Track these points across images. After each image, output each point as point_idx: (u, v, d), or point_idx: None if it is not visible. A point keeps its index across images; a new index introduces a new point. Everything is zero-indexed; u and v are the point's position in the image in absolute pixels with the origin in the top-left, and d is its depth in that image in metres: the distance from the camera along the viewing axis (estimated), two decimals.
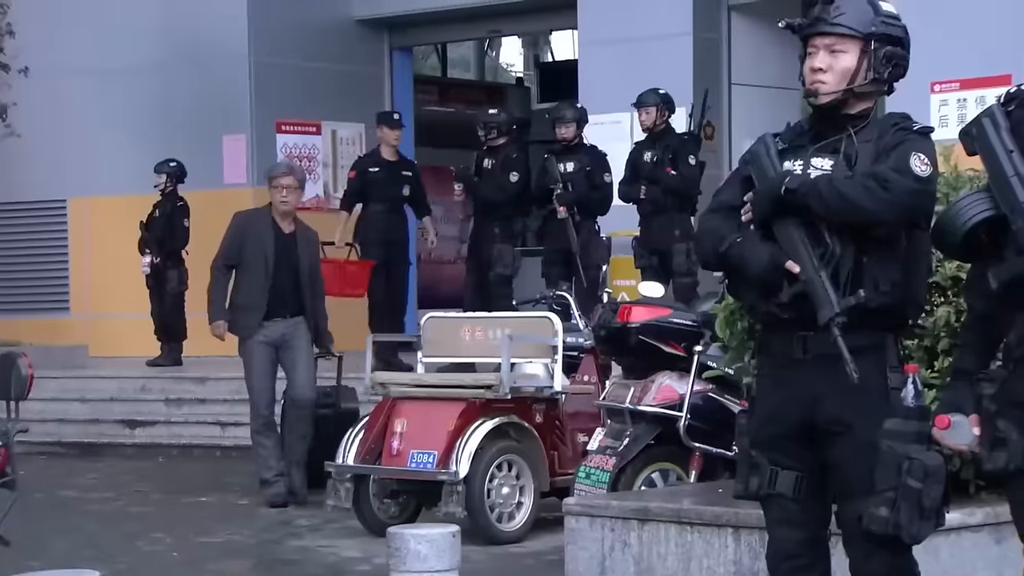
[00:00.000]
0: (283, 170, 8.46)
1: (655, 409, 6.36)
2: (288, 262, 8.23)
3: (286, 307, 8.22)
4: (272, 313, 8.18)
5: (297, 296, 8.23)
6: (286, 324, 8.22)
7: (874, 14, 3.60)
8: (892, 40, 3.61)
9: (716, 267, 3.81)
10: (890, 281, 3.53)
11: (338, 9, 13.23)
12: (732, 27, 11.59)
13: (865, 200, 3.46)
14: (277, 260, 8.20)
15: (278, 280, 8.19)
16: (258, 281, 8.16)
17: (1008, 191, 3.10)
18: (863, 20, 3.58)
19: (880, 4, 3.64)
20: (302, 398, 8.21)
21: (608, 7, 11.59)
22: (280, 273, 8.20)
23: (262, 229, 8.28)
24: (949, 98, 9.30)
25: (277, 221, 8.29)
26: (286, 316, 8.21)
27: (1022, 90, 3.21)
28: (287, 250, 8.26)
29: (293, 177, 8.32)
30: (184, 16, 12.77)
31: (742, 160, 3.77)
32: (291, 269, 8.23)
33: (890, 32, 3.61)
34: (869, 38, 3.57)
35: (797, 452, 3.62)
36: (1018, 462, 3.10)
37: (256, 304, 8.16)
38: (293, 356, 8.22)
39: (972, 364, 3.26)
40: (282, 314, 8.20)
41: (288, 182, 8.24)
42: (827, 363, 3.51)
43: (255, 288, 8.17)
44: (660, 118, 10.02)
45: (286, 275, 8.21)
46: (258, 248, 8.20)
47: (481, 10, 13.00)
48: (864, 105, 3.66)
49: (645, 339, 6.65)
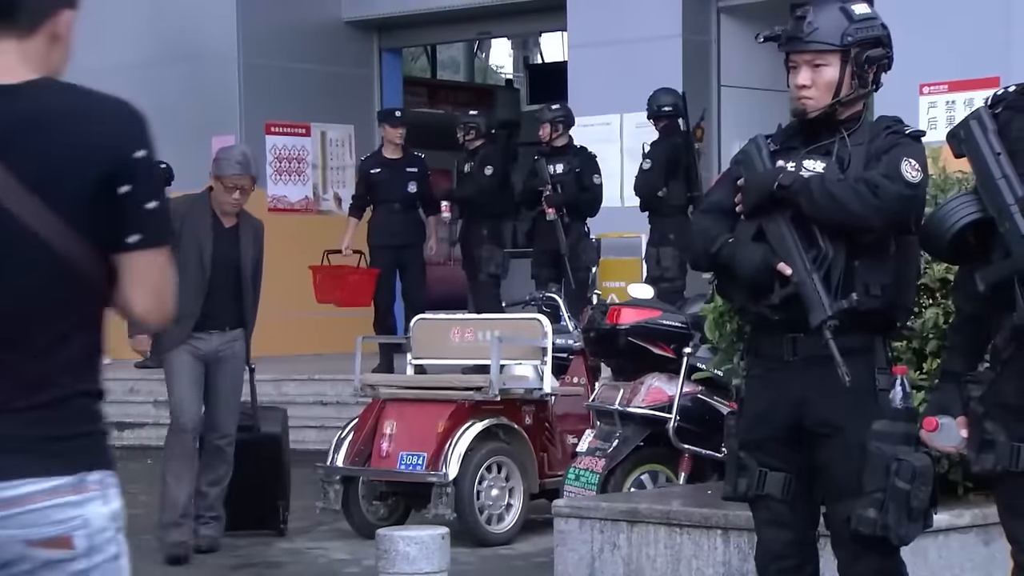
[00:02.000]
0: (237, 171, 6.73)
1: (644, 411, 6.36)
2: (228, 262, 6.76)
3: (225, 317, 6.77)
4: (206, 324, 6.71)
5: (238, 304, 6.80)
6: (223, 338, 6.78)
7: (848, 22, 3.58)
8: (871, 43, 3.60)
9: (707, 267, 3.82)
10: (880, 284, 3.54)
11: (327, 10, 13.22)
12: (722, 29, 11.60)
13: (855, 204, 3.47)
14: (215, 260, 6.72)
15: (215, 284, 6.71)
16: (191, 284, 6.50)
17: (996, 193, 3.10)
18: (838, 31, 3.57)
19: (852, 9, 3.61)
20: (224, 429, 6.79)
21: (598, 9, 11.60)
22: (218, 275, 6.71)
23: (200, 222, 6.75)
24: (937, 100, 9.31)
25: (218, 215, 6.81)
26: (224, 328, 6.77)
27: (1009, 92, 3.22)
28: (228, 248, 6.77)
29: (250, 178, 6.81)
30: (173, 17, 12.74)
31: (734, 161, 3.78)
32: (232, 270, 6.77)
33: (867, 36, 3.60)
34: (847, 48, 3.57)
35: (786, 454, 3.63)
36: (1006, 464, 3.11)
37: (187, 312, 6.45)
38: (222, 379, 6.78)
39: (960, 366, 3.27)
40: (219, 326, 6.77)
41: (245, 184, 6.76)
42: (816, 365, 3.51)
43: (187, 293, 6.20)
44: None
45: (225, 278, 6.73)
46: (193, 244, 6.66)
47: (470, 12, 13.00)
48: (854, 109, 3.66)
49: (634, 341, 6.65)
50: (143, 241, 2.22)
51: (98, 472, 2.23)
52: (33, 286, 2.19)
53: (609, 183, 10.51)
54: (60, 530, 2.19)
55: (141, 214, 2.22)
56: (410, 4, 13.02)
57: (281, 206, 12.56)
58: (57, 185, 2.18)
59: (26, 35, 2.27)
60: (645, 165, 10.06)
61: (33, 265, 2.19)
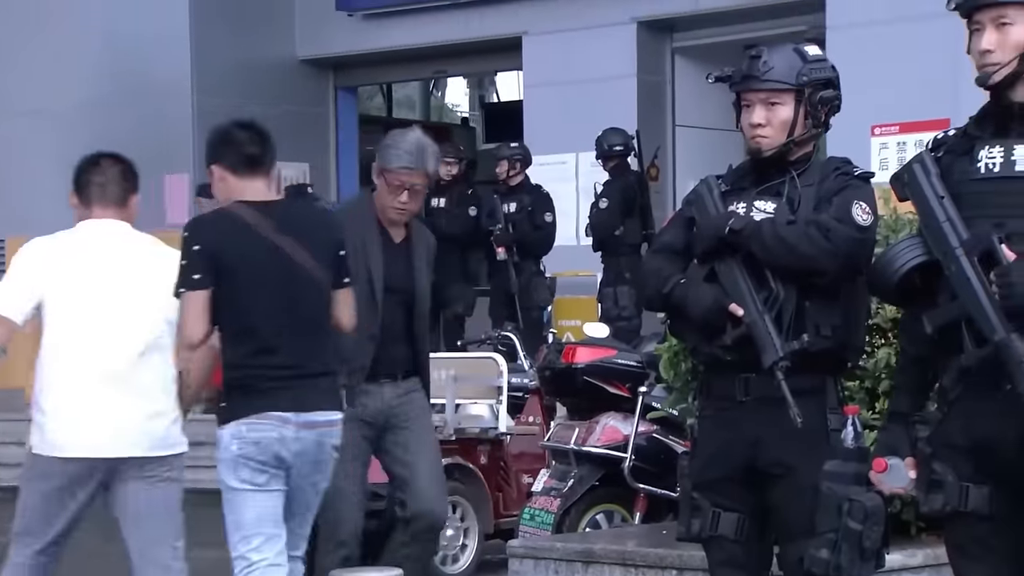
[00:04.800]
0: (406, 162, 5.07)
1: (600, 450, 6.35)
2: (401, 289, 5.14)
3: (398, 361, 5.18)
4: (377, 372, 5.12)
5: (411, 344, 5.21)
6: (395, 390, 5.16)
7: (803, 62, 3.62)
8: (823, 83, 3.64)
9: (659, 308, 3.83)
10: (831, 325, 3.57)
11: (282, 49, 13.22)
12: (676, 69, 11.69)
13: (806, 248, 3.49)
14: (386, 286, 5.10)
15: (386, 319, 5.12)
16: (359, 320, 4.67)
17: (941, 237, 3.13)
18: (793, 71, 3.61)
19: (806, 50, 3.66)
20: (438, 510, 5.28)
21: (553, 49, 11.66)
22: (389, 307, 5.14)
23: (365, 234, 5.08)
24: (889, 141, 9.41)
25: (384, 225, 5.16)
26: (396, 377, 5.19)
27: (949, 136, 3.25)
28: (399, 270, 5.18)
29: (422, 173, 5.10)
30: (126, 55, 12.70)
31: (685, 201, 3.80)
32: (404, 300, 5.17)
33: (820, 76, 3.64)
34: (802, 88, 3.60)
35: (739, 494, 3.63)
36: (954, 504, 3.12)
37: (359, 357, 4.99)
38: (414, 439, 5.21)
39: (907, 407, 3.29)
40: (391, 373, 5.16)
41: (416, 181, 5.09)
42: (769, 405, 3.52)
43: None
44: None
45: (395, 310, 5.17)
46: (359, 266, 4.91)
47: (426, 51, 13.03)
48: (804, 150, 3.69)
49: (590, 380, 6.65)
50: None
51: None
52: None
53: (564, 222, 10.54)
54: (341, 442, 4.31)
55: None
56: (365, 43, 13.04)
57: None
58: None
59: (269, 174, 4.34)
60: (602, 204, 10.09)
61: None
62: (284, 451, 4.15)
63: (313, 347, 4.23)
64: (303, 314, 4.20)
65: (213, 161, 4.33)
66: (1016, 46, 3.10)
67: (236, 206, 4.25)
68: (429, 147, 5.03)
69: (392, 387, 5.09)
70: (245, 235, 4.19)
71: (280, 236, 4.19)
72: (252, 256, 4.17)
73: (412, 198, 5.02)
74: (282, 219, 4.23)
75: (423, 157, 5.00)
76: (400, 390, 5.10)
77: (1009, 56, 3.09)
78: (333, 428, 4.26)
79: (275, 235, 4.19)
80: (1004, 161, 3.11)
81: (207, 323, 4.16)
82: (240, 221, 4.19)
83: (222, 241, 4.19)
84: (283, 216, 4.25)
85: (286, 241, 4.19)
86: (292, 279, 4.18)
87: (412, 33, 12.66)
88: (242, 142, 4.31)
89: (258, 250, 4.15)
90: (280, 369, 4.16)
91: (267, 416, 4.14)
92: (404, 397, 5.10)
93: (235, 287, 4.16)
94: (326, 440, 4.24)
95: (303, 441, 4.17)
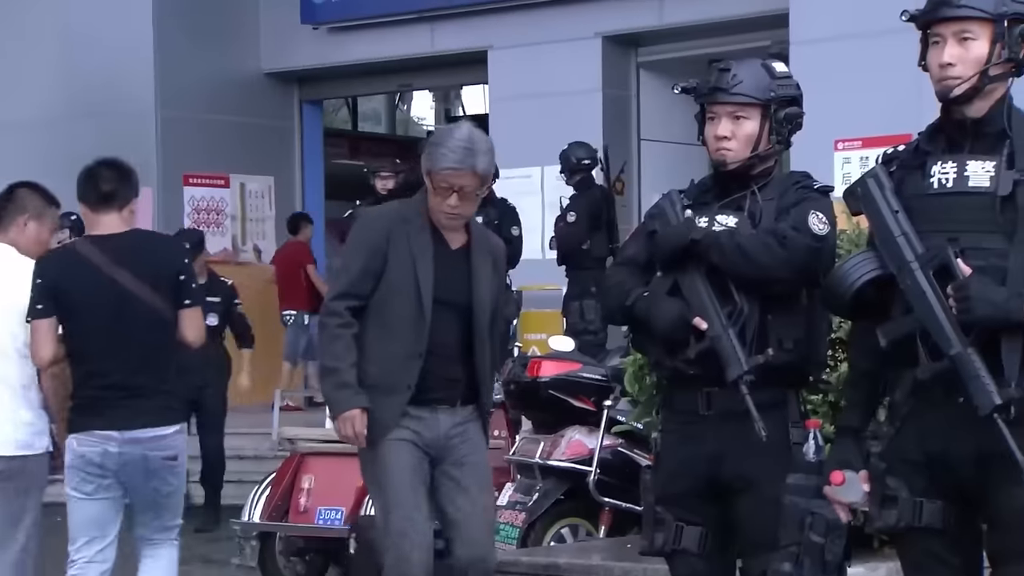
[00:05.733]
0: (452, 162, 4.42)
1: (565, 464, 6.35)
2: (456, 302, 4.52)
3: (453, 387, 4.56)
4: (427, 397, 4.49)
5: (470, 367, 4.56)
6: (452, 419, 4.54)
7: (771, 78, 3.65)
8: (788, 101, 3.66)
9: (623, 321, 3.83)
10: (794, 339, 3.58)
11: (247, 62, 13.19)
12: (641, 84, 11.73)
13: (763, 256, 3.50)
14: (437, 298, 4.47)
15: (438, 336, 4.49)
16: (404, 336, 4.44)
17: (896, 251, 3.14)
18: (761, 86, 3.63)
19: (774, 66, 3.69)
20: (487, 556, 4.62)
21: (519, 63, 11.68)
22: (442, 322, 4.49)
23: (414, 239, 4.51)
24: (852, 156, 9.46)
25: (440, 229, 4.55)
26: (453, 403, 4.55)
27: (900, 151, 3.27)
28: (455, 280, 4.54)
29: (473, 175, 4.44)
30: (89, 68, 12.64)
31: (648, 215, 3.81)
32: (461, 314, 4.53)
33: (786, 94, 3.66)
34: (768, 104, 3.62)
35: (702, 508, 3.63)
36: (908, 519, 3.13)
37: (400, 378, 4.44)
38: (468, 477, 4.59)
39: (858, 421, 3.30)
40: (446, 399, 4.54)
41: (467, 184, 4.44)
42: (731, 419, 3.53)
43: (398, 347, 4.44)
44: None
45: (450, 326, 4.52)
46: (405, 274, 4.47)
47: (392, 64, 13.03)
48: (766, 165, 3.71)
49: (555, 393, 6.64)
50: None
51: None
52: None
53: (530, 236, 10.53)
54: (175, 452, 4.74)
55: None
56: (331, 56, 13.03)
57: None
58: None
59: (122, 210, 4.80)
60: (570, 218, 10.09)
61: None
62: (109, 464, 4.65)
63: (146, 369, 4.67)
64: (135, 339, 4.64)
65: (78, 198, 4.84)
66: (977, 61, 3.11)
67: (80, 242, 4.86)
68: (480, 143, 4.41)
69: (449, 415, 4.44)
70: (82, 269, 4.68)
71: (116, 268, 4.67)
72: (87, 288, 4.68)
73: (463, 201, 4.39)
74: (121, 252, 4.70)
75: (471, 155, 4.37)
76: (458, 418, 4.46)
77: (970, 71, 3.11)
78: (161, 442, 4.69)
79: (111, 267, 4.67)
80: (957, 176, 3.13)
81: (53, 347, 4.70)
82: (79, 256, 4.72)
83: (61, 275, 4.72)
84: (122, 249, 4.71)
85: (122, 273, 4.67)
86: (125, 307, 4.63)
87: (377, 47, 12.66)
88: (99, 179, 4.78)
89: (92, 283, 4.64)
90: (111, 390, 4.66)
91: (93, 433, 4.65)
92: (461, 427, 4.47)
93: (72, 316, 4.67)
94: (152, 453, 4.68)
95: (128, 455, 4.65)
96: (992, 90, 3.15)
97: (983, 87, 3.13)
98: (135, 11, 12.43)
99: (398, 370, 4.40)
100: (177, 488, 4.82)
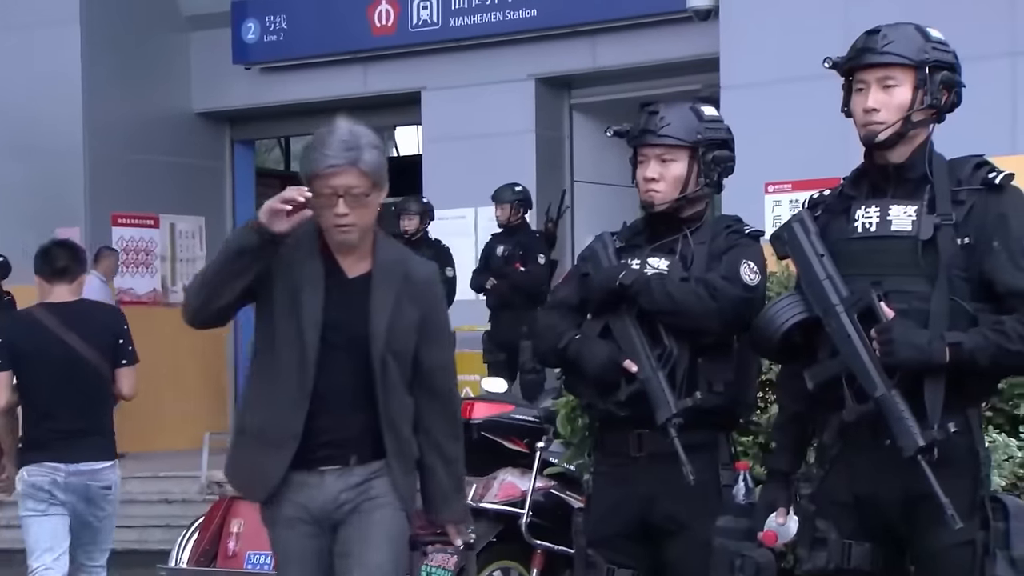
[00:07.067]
0: (336, 160, 3.69)
1: (497, 506, 6.32)
2: (352, 337, 3.74)
3: (352, 440, 3.79)
4: (317, 454, 3.76)
5: (372, 413, 3.76)
6: (347, 480, 3.78)
7: (699, 121, 3.68)
8: (718, 144, 3.69)
9: (555, 363, 3.83)
10: (724, 381, 3.59)
11: (177, 102, 13.10)
12: (574, 125, 11.79)
13: (694, 306, 3.52)
14: (327, 334, 3.72)
15: (329, 379, 3.73)
16: (288, 381, 3.73)
17: (821, 294, 3.17)
18: (689, 129, 3.66)
19: (702, 110, 3.72)
20: None
21: (452, 104, 11.70)
22: (335, 362, 3.73)
23: (304, 265, 3.76)
24: (782, 199, 9.56)
25: (333, 250, 3.78)
26: (346, 461, 3.79)
27: (825, 195, 3.31)
28: (350, 311, 3.75)
29: (359, 173, 3.70)
30: (16, 106, 12.48)
31: (580, 258, 3.82)
32: (360, 351, 3.74)
33: (715, 137, 3.68)
34: (696, 146, 3.64)
35: (633, 550, 3.63)
36: (837, 561, 3.15)
37: (282, 429, 3.72)
38: (370, 551, 3.78)
39: (786, 464, 3.32)
40: (342, 456, 3.78)
41: (354, 184, 3.68)
42: (662, 461, 3.53)
43: (280, 393, 3.74)
44: (514, 214, 10.13)
45: (345, 366, 3.74)
46: (286, 306, 3.76)
47: (324, 104, 12.98)
48: (697, 208, 3.73)
49: (487, 435, 6.62)
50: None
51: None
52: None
53: (464, 276, 10.53)
54: (109, 483, 5.68)
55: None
56: (263, 96, 12.98)
57: (128, 299, 12.31)
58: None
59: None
60: (540, 260, 10.10)
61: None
62: (57, 491, 5.61)
63: (87, 414, 5.63)
64: (79, 390, 5.58)
65: (35, 271, 5.75)
66: (901, 107, 3.16)
67: (37, 308, 5.74)
68: (364, 137, 3.72)
69: (340, 477, 3.67)
70: (37, 331, 5.60)
71: (66, 331, 5.60)
72: (40, 347, 5.61)
73: (353, 206, 3.60)
74: (70, 318, 5.62)
75: (354, 151, 3.66)
76: (355, 478, 3.67)
77: (894, 117, 3.16)
78: (98, 474, 5.66)
79: (62, 330, 5.60)
80: (880, 220, 3.17)
81: (7, 395, 5.63)
82: (35, 319, 5.66)
83: (18, 335, 5.69)
84: (71, 315, 5.63)
85: (70, 335, 5.60)
86: (71, 364, 5.56)
87: (310, 87, 12.64)
88: (54, 257, 5.69)
89: (45, 343, 5.56)
90: (58, 431, 5.61)
91: (43, 465, 5.60)
92: (358, 489, 3.68)
93: (27, 370, 5.62)
94: (92, 483, 5.66)
95: (73, 484, 5.62)
96: (915, 135, 3.20)
97: (906, 132, 3.18)
98: (63, 49, 12.32)
99: (283, 420, 3.65)
100: (111, 514, 5.79)
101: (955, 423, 3.04)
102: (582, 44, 11.32)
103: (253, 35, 12.74)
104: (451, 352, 3.95)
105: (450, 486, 3.80)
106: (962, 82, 3.21)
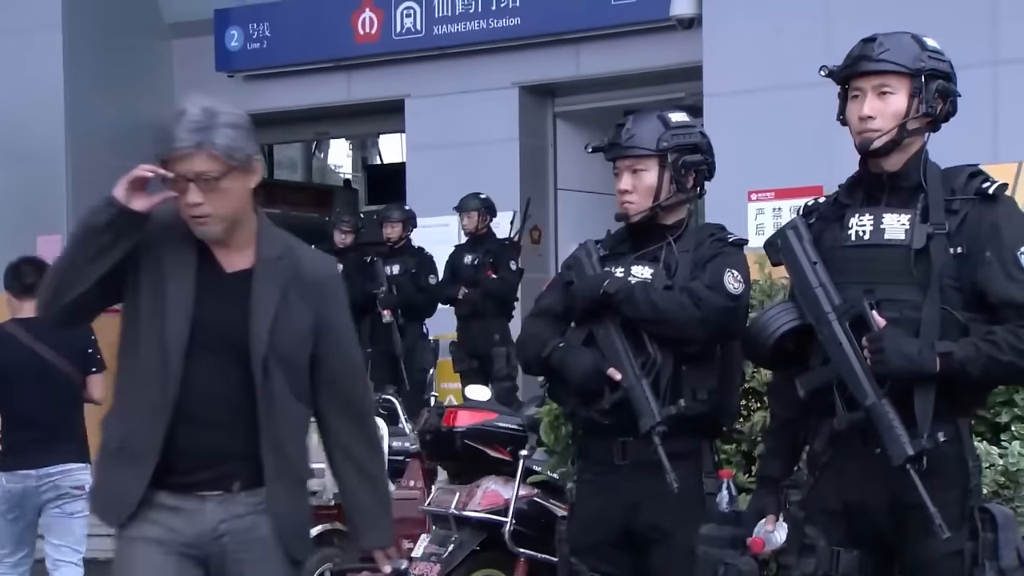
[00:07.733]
0: (184, 140, 3.16)
1: (480, 514, 6.30)
2: (227, 341, 3.29)
3: (226, 461, 3.32)
4: (181, 476, 3.32)
5: (250, 430, 3.29)
6: (223, 511, 3.29)
7: (664, 129, 3.68)
8: (689, 148, 3.69)
9: (538, 372, 3.83)
10: (707, 389, 3.60)
11: (161, 110, 13.05)
12: (558, 134, 11.80)
13: (678, 315, 3.53)
14: (196, 337, 3.27)
15: (196, 391, 3.29)
16: (148, 392, 3.29)
17: (814, 302, 3.18)
18: (654, 138, 3.67)
19: (670, 117, 3.72)
20: None
21: (435, 112, 11.70)
22: (204, 371, 3.28)
23: (170, 257, 3.33)
24: (765, 207, 9.58)
25: (208, 244, 3.34)
26: (227, 487, 3.29)
27: (820, 203, 3.32)
28: (224, 312, 3.32)
29: (210, 156, 3.17)
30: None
31: (565, 266, 3.83)
32: (237, 358, 3.29)
33: (684, 142, 3.69)
34: (664, 153, 3.65)
35: (617, 558, 3.62)
36: (825, 568, 3.16)
37: (141, 446, 3.26)
38: None
39: (777, 472, 3.32)
40: (214, 481, 3.30)
41: (204, 167, 3.19)
42: (646, 470, 3.53)
43: (139, 404, 3.32)
44: (482, 222, 10.12)
45: (221, 375, 3.30)
46: (151, 307, 3.32)
47: (308, 112, 12.98)
48: (678, 216, 3.73)
49: (471, 443, 6.61)
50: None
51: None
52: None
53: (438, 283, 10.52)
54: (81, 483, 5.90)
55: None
56: (246, 104, 12.81)
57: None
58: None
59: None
60: (513, 266, 10.09)
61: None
62: (30, 495, 6.00)
63: (60, 421, 5.97)
64: (52, 398, 5.93)
65: (4, 287, 6.12)
66: (896, 115, 3.17)
67: (9, 323, 6.11)
68: (221, 116, 3.18)
69: (221, 504, 3.17)
70: (10, 344, 5.97)
71: (37, 343, 5.95)
72: (14, 359, 5.99)
73: (206, 194, 3.14)
74: (40, 331, 5.88)
75: (205, 131, 3.15)
76: (239, 508, 3.18)
77: (890, 124, 3.17)
78: (70, 475, 5.99)
79: (33, 343, 5.95)
80: (874, 229, 3.18)
81: None
82: (7, 333, 6.04)
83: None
84: (41, 329, 5.81)
85: (42, 347, 5.96)
86: (44, 374, 5.92)
87: (294, 95, 12.62)
88: (22, 274, 6.03)
89: (19, 355, 5.93)
90: (33, 439, 5.96)
91: (16, 473, 5.99)
92: (241, 521, 3.19)
93: (2, 381, 5.96)
94: (63, 482, 6.01)
95: (45, 484, 6.00)
96: (909, 144, 3.20)
97: (901, 140, 3.18)
98: (45, 56, 12.28)
99: (142, 432, 3.15)
100: (82, 511, 5.93)
101: (945, 433, 3.05)
102: (566, 52, 11.34)
103: (236, 43, 12.72)
104: (357, 355, 3.42)
105: (375, 508, 3.38)
106: (957, 91, 3.22)
